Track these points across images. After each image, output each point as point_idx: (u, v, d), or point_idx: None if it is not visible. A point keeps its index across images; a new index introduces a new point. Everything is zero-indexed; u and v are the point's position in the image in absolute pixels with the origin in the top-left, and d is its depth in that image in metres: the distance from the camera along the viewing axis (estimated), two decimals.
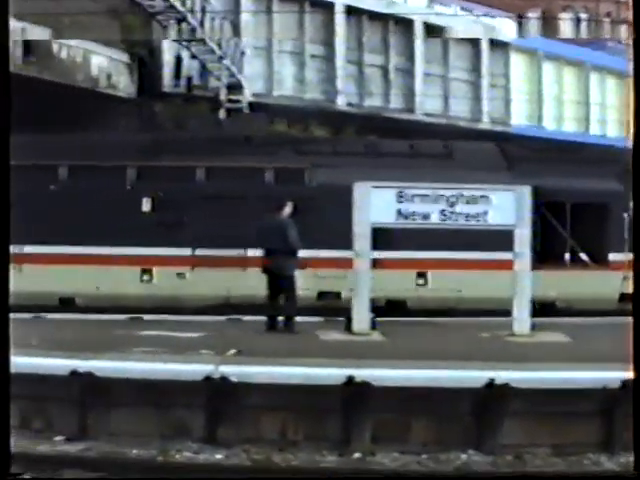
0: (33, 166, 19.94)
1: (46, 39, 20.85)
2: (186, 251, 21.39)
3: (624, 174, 18.88)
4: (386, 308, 20.43)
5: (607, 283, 21.38)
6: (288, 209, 18.57)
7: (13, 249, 20.48)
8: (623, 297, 20.73)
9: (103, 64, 26.49)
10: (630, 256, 19.54)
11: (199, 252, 21.35)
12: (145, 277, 21.54)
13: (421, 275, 21.59)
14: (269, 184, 21.82)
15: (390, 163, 21.74)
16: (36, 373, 13.80)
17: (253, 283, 20.02)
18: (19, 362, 13.97)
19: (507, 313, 17.68)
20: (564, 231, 21.91)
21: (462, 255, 20.40)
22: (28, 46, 20.55)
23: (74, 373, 13.76)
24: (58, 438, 13.67)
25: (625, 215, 20.32)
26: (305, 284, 20.15)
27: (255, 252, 20.04)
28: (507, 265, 18.03)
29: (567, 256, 21.94)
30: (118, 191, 21.35)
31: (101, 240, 20.90)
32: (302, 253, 19.17)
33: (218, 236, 20.70)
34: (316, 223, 20.40)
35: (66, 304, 21.16)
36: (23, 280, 19.35)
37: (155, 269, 21.55)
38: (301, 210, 19.97)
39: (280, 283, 18.26)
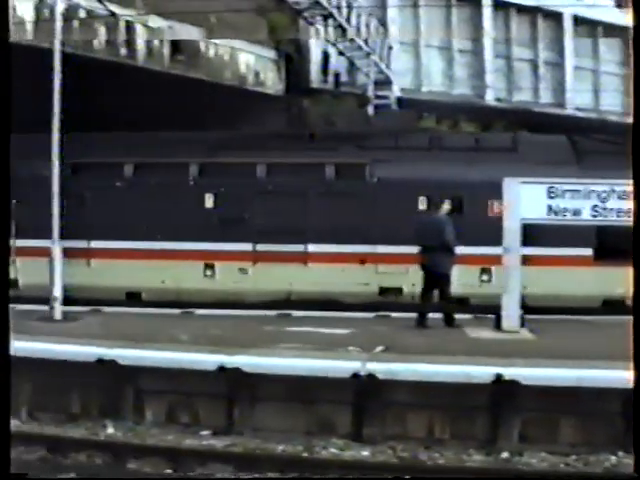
0: (100, 164, 20.44)
1: (194, 38, 21.19)
2: (248, 246, 21.41)
3: None
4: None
5: None
6: (446, 206, 18.25)
7: (81, 244, 21.32)
8: None
9: (251, 62, 26.75)
10: None
11: (260, 247, 21.35)
12: (208, 272, 21.63)
13: (485, 271, 21.03)
14: (329, 179, 21.63)
15: (453, 157, 21.35)
16: (184, 368, 13.99)
17: (314, 279, 20.34)
18: (168, 357, 14.31)
19: None
20: None
21: (525, 251, 18.71)
22: (176, 45, 20.92)
23: (221, 368, 13.82)
24: (204, 432, 13.77)
25: None
26: (366, 279, 20.59)
27: (315, 248, 20.35)
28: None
29: None
30: (182, 187, 21.56)
31: (166, 235, 21.31)
32: (362, 248, 19.53)
33: (279, 231, 20.86)
34: (376, 218, 20.40)
35: (132, 298, 21.42)
36: (91, 274, 21.21)
37: (217, 264, 21.63)
38: (361, 205, 20.31)
39: (436, 280, 17.99)
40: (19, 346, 14.97)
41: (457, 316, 18.17)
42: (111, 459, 12.83)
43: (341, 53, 31.78)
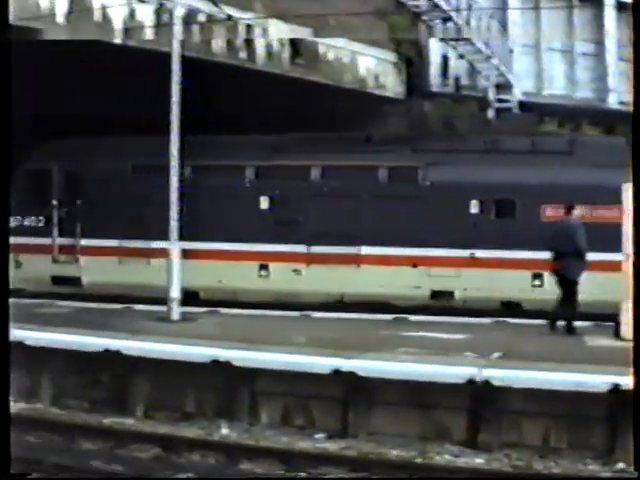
0: (157, 166, 20.29)
1: (313, 40, 21.24)
2: (302, 248, 21.47)
3: None
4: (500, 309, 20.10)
5: None
6: (578, 212, 17.88)
7: (141, 244, 21.64)
8: None
9: (371, 65, 26.63)
10: None
11: (314, 249, 21.38)
12: (263, 272, 21.78)
13: (537, 276, 20.34)
14: (382, 182, 21.45)
15: (508, 160, 20.84)
16: (300, 371, 13.98)
17: (367, 281, 20.30)
18: (283, 359, 14.32)
19: None
20: None
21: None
22: (296, 48, 20.97)
23: (337, 372, 13.76)
24: (319, 435, 13.74)
25: None
26: (418, 283, 20.59)
27: (368, 250, 20.43)
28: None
29: None
30: (238, 190, 21.81)
31: (224, 236, 21.61)
32: (414, 251, 19.64)
33: (332, 234, 20.95)
34: (428, 221, 20.33)
35: (191, 297, 20.91)
36: (151, 273, 21.35)
37: (272, 265, 21.75)
38: (413, 208, 20.22)
39: (567, 286, 17.64)
40: (137, 345, 15.32)
41: (577, 323, 17.75)
42: (224, 459, 12.91)
43: (461, 56, 31.47)
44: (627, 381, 12.26)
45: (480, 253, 20.30)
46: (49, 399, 15.99)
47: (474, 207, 20.71)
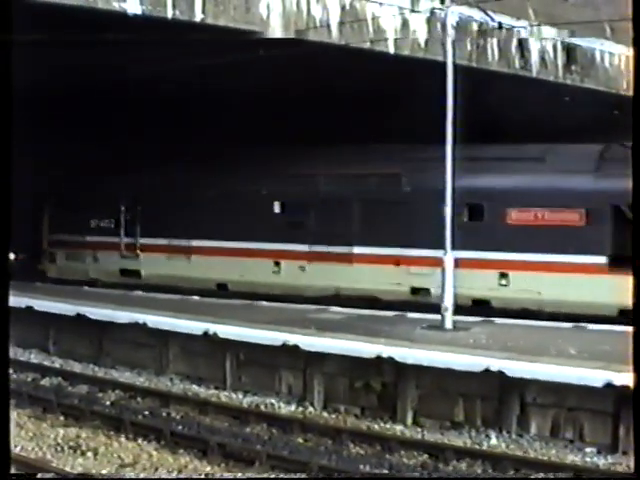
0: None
1: (588, 46, 20.72)
2: (305, 247, 23.77)
3: None
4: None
5: None
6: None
7: (183, 242, 25.43)
8: None
9: None
10: None
11: (315, 248, 23.58)
12: (275, 268, 24.18)
13: (503, 276, 21.22)
14: (371, 189, 22.95)
15: (479, 167, 21.12)
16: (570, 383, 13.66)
17: (359, 278, 22.47)
18: (555, 371, 13.99)
19: None
20: None
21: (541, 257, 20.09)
22: (570, 54, 20.51)
23: (609, 385, 13.33)
24: (589, 449, 13.36)
25: None
26: (399, 280, 22.06)
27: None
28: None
29: None
30: (254, 196, 24.54)
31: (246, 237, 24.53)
32: (396, 251, 21.84)
33: (329, 234, 23.14)
34: (409, 224, 21.52)
35: (221, 289, 25.08)
36: (191, 268, 25.48)
37: (283, 262, 24.11)
38: (396, 213, 21.76)
39: None
40: (411, 353, 15.45)
41: None
42: (491, 469, 12.81)
43: None
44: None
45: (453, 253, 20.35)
46: (320, 403, 16.44)
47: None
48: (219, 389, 17.81)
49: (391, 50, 17.43)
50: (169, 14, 14.73)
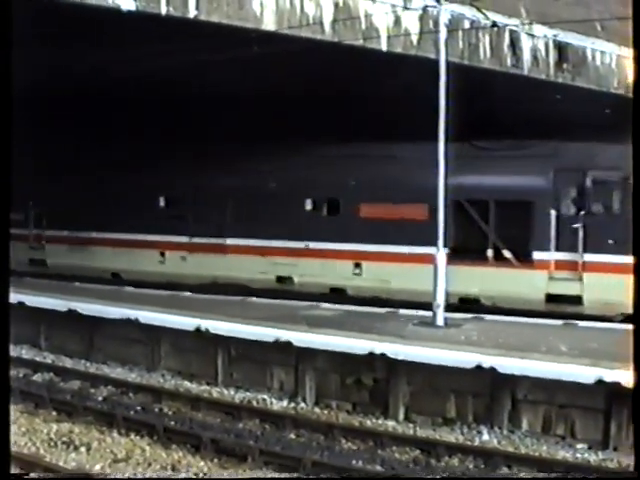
0: None
1: (580, 44, 20.75)
2: (186, 239, 25.63)
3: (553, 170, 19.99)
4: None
5: (531, 282, 19.95)
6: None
7: (83, 234, 28.01)
8: (551, 298, 19.92)
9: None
10: (557, 255, 19.10)
11: (194, 240, 25.48)
12: (161, 258, 26.32)
13: (357, 265, 22.78)
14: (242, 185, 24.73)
15: (336, 164, 22.95)
16: (561, 380, 13.76)
17: (232, 267, 24.34)
18: (545, 368, 14.08)
19: None
20: (487, 228, 20.88)
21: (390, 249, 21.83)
22: (562, 53, 20.56)
23: (600, 382, 13.41)
24: (580, 446, 13.46)
25: (552, 212, 19.78)
26: (266, 269, 23.82)
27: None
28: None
29: (490, 253, 20.71)
30: (143, 192, 26.28)
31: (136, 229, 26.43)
32: (262, 243, 23.77)
33: (206, 227, 24.99)
34: (273, 218, 23.42)
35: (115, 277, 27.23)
36: (89, 258, 27.65)
37: (167, 252, 26.30)
38: (264, 207, 23.70)
39: None
40: (403, 350, 15.52)
41: None
42: (483, 465, 12.89)
43: None
44: None
45: (312, 245, 23.10)
46: (312, 399, 16.51)
47: (309, 205, 23.56)
48: (211, 385, 17.86)
49: (384, 47, 17.45)
50: (163, 10, 14.74)
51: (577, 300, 19.62)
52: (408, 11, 17.64)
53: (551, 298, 20.04)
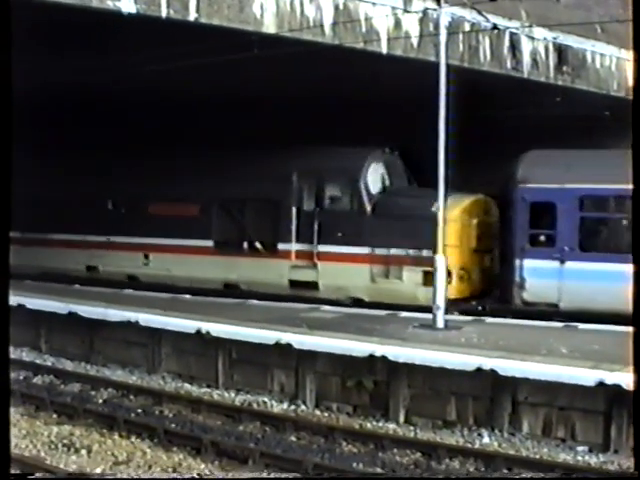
0: None
1: (580, 47, 20.78)
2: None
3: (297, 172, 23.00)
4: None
5: (277, 270, 22.99)
6: None
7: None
8: (294, 284, 22.98)
9: None
10: (297, 247, 22.65)
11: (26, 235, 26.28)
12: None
13: (146, 256, 26.12)
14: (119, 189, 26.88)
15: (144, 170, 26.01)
16: (562, 382, 13.76)
17: (55, 258, 26.98)
18: (546, 370, 14.08)
19: None
20: (242, 223, 24.31)
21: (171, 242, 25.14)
22: (562, 56, 20.57)
23: (601, 384, 13.41)
24: (580, 448, 13.45)
25: (293, 209, 22.93)
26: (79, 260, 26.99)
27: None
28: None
29: (245, 245, 24.01)
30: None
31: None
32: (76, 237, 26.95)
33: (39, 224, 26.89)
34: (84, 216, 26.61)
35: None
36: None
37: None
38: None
39: None
40: (404, 352, 15.51)
41: None
42: (484, 467, 12.89)
43: None
44: None
45: (113, 238, 26.54)
46: (312, 401, 16.51)
47: (110, 204, 27.11)
48: (211, 387, 17.86)
49: (384, 50, 17.47)
50: (163, 13, 14.75)
51: (314, 285, 22.61)
52: (408, 14, 17.66)
53: (294, 284, 23.02)
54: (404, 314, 19.53)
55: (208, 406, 16.36)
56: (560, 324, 18.43)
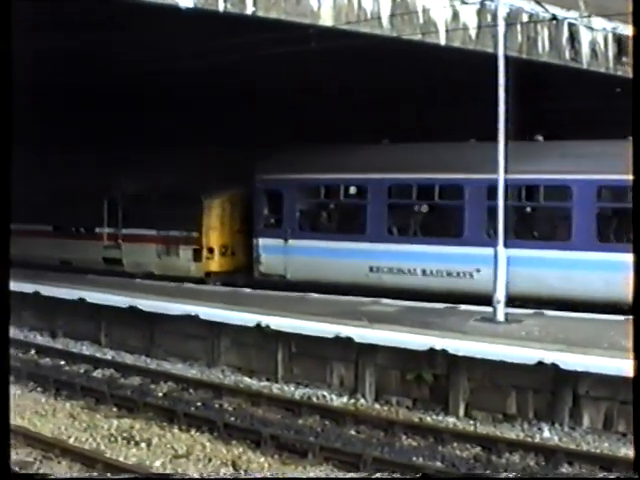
0: None
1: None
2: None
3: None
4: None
5: (95, 250, 27.61)
6: None
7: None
8: (106, 260, 27.49)
9: None
10: (108, 230, 27.49)
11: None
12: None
13: None
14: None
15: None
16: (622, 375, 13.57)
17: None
18: (608, 364, 13.89)
19: None
20: (73, 211, 28.09)
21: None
22: (621, 46, 20.26)
23: None
24: None
25: (105, 202, 27.37)
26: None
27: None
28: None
29: (73, 229, 28.78)
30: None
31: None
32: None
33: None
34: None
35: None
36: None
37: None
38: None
39: None
40: (464, 346, 15.42)
41: None
42: (544, 462, 12.78)
43: None
44: None
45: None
46: (372, 395, 16.48)
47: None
48: (271, 381, 17.90)
49: (442, 42, 17.34)
50: (220, 7, 14.76)
51: (120, 262, 27.14)
52: (466, 5, 17.51)
53: (106, 260, 27.50)
54: (463, 307, 19.40)
55: (268, 399, 16.40)
56: (621, 317, 18.18)
